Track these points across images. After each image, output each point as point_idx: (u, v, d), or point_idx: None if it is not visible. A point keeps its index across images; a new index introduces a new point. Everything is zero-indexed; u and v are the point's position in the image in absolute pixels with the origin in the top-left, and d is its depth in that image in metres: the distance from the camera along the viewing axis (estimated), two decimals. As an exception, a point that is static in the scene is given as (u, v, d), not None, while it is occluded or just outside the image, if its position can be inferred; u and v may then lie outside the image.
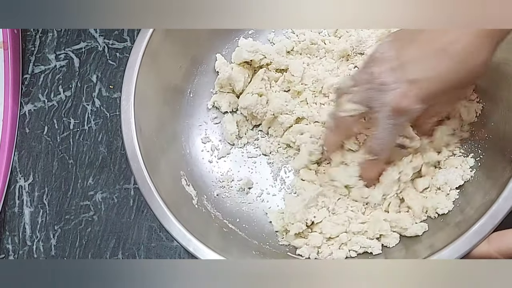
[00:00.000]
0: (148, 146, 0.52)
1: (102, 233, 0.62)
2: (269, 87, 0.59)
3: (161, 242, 0.61)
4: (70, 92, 0.67)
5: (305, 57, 0.60)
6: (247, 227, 0.56)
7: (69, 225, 0.62)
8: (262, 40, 0.62)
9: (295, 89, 0.58)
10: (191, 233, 0.48)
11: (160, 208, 0.49)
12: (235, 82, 0.59)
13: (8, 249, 0.62)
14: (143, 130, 0.52)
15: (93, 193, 0.63)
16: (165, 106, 0.57)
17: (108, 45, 0.68)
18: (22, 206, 0.63)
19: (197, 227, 0.50)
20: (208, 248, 0.47)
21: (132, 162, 0.50)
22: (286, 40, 0.61)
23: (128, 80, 0.53)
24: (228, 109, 0.60)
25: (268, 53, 0.59)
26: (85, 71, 0.68)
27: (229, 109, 0.60)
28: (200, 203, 0.55)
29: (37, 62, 0.69)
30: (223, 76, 0.59)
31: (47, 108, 0.67)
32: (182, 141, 0.59)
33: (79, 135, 0.65)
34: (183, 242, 0.47)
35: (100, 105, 0.66)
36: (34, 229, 0.62)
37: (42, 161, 0.65)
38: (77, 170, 0.64)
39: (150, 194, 0.49)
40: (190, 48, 0.59)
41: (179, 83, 0.59)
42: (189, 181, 0.56)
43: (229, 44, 0.63)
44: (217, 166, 0.59)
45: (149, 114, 0.54)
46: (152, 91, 0.55)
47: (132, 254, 0.61)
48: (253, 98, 0.57)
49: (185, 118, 0.60)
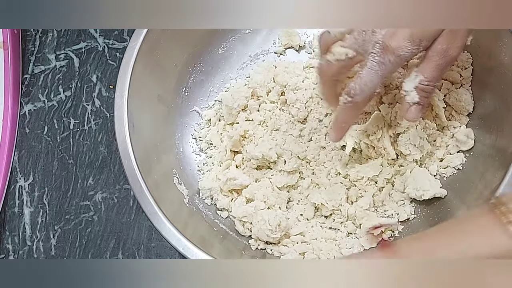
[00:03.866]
0: (141, 144, 0.52)
1: (102, 233, 0.62)
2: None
3: (161, 242, 0.61)
4: (70, 92, 0.67)
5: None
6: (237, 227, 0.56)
7: (69, 225, 0.62)
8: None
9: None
10: (181, 232, 0.48)
11: (151, 206, 0.49)
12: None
13: (8, 249, 0.62)
14: (136, 127, 0.52)
15: (93, 193, 0.63)
16: (159, 104, 0.57)
17: (108, 45, 0.68)
18: (22, 206, 0.63)
19: (187, 226, 0.50)
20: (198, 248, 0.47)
21: (124, 159, 0.50)
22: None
23: (122, 77, 0.53)
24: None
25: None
26: (85, 71, 0.68)
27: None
28: (191, 202, 0.55)
29: (37, 62, 0.69)
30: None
31: (47, 108, 0.67)
32: (175, 139, 0.59)
33: (79, 135, 0.65)
34: (172, 241, 0.48)
35: (100, 105, 0.66)
36: (34, 229, 0.62)
37: (42, 161, 0.65)
38: (77, 170, 0.64)
39: (140, 191, 0.49)
40: (186, 46, 0.60)
41: (174, 82, 0.59)
42: (181, 180, 0.56)
43: (225, 43, 0.63)
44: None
45: (142, 112, 0.54)
46: (146, 88, 0.55)
47: (132, 254, 0.61)
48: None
49: (179, 116, 0.60)
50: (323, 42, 0.49)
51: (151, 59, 0.55)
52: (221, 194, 0.56)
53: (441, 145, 0.55)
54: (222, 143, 0.59)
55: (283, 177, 0.56)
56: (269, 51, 0.64)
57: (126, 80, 0.52)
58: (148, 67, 0.55)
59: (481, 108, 0.55)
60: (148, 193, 0.49)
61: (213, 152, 0.59)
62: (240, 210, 0.54)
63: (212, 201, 0.57)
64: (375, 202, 0.54)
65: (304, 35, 0.64)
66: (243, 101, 0.59)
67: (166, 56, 0.57)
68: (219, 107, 0.61)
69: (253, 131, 0.58)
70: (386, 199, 0.55)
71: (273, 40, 0.64)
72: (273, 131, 0.58)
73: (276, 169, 0.56)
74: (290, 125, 0.58)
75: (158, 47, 0.56)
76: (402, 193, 0.55)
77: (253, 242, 0.54)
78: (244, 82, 0.62)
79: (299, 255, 0.53)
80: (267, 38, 0.64)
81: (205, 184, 0.56)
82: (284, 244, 0.54)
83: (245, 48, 0.63)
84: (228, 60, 0.63)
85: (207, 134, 0.60)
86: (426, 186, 0.52)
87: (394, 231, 0.54)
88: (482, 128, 0.54)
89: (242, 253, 0.53)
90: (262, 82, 0.60)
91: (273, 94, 0.60)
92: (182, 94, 0.61)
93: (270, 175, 0.56)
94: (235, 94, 0.59)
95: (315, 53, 0.62)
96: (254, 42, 0.64)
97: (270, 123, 0.58)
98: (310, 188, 0.56)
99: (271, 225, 0.52)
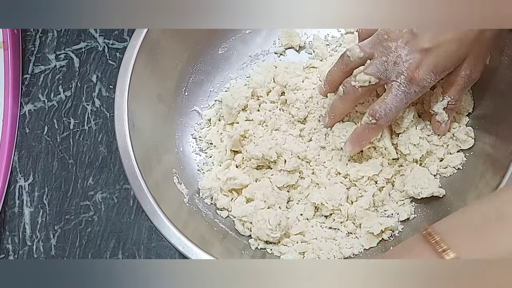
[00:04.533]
0: (141, 143, 0.52)
1: (102, 233, 0.62)
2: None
3: (161, 242, 0.61)
4: (70, 92, 0.67)
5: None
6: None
7: (69, 225, 0.62)
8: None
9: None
10: (181, 232, 0.48)
11: (151, 205, 0.49)
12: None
13: (8, 249, 0.62)
14: (137, 127, 0.52)
15: (93, 193, 0.63)
16: (159, 104, 0.58)
17: (108, 45, 0.68)
18: (22, 206, 0.63)
19: (187, 225, 0.50)
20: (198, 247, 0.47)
21: (124, 159, 0.50)
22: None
23: (122, 77, 0.53)
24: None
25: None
26: (85, 71, 0.68)
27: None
28: (191, 201, 0.55)
29: (37, 62, 0.69)
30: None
31: (47, 108, 0.67)
32: (175, 139, 0.59)
33: (79, 135, 0.65)
34: (172, 241, 0.48)
35: (100, 105, 0.66)
36: (34, 229, 0.62)
37: (42, 161, 0.65)
38: (77, 170, 0.64)
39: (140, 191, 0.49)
40: (186, 46, 0.60)
41: (174, 81, 0.60)
42: (181, 180, 0.56)
43: (225, 43, 0.63)
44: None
45: (143, 112, 0.54)
46: (146, 88, 0.55)
47: (132, 254, 0.61)
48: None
49: (179, 116, 0.60)
50: (344, 64, 0.52)
51: (151, 59, 0.55)
52: (221, 193, 0.56)
53: (441, 145, 0.55)
54: (222, 143, 0.59)
55: (283, 177, 0.56)
56: (269, 51, 0.64)
57: (126, 80, 0.53)
58: (148, 67, 0.55)
59: (481, 108, 0.55)
60: (148, 192, 0.49)
61: (213, 151, 0.59)
62: (240, 210, 0.54)
63: (212, 200, 0.57)
64: (375, 202, 0.54)
65: (304, 35, 0.64)
66: (243, 101, 0.59)
67: (166, 56, 0.57)
68: (219, 107, 0.61)
69: (253, 131, 0.58)
70: (386, 199, 0.55)
71: (273, 40, 0.64)
72: (273, 131, 0.58)
73: (276, 169, 0.56)
74: (290, 125, 0.58)
75: (158, 47, 0.56)
76: (402, 193, 0.55)
77: (253, 241, 0.54)
78: (244, 82, 0.62)
79: (299, 255, 0.53)
80: (267, 38, 0.64)
81: (205, 183, 0.56)
82: (284, 243, 0.54)
83: (245, 48, 0.63)
84: (228, 60, 0.63)
85: (207, 134, 0.60)
86: (425, 184, 0.52)
87: (394, 231, 0.54)
88: (482, 128, 0.54)
89: (242, 252, 0.53)
90: (262, 82, 0.60)
91: (273, 94, 0.60)
92: (182, 94, 0.61)
93: (270, 175, 0.56)
94: (235, 94, 0.59)
95: (315, 53, 0.62)
96: (254, 42, 0.64)
97: (270, 123, 0.58)
98: (310, 188, 0.56)
99: (271, 225, 0.52)
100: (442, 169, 0.55)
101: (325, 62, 0.61)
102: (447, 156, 0.55)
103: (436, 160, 0.55)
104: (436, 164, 0.55)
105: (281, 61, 0.63)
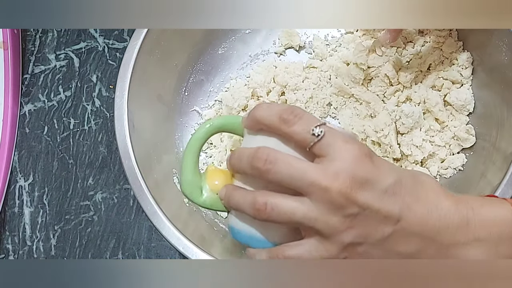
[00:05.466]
0: (141, 143, 0.52)
1: (102, 233, 0.62)
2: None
3: (161, 242, 0.61)
4: (70, 92, 0.67)
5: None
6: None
7: (69, 225, 0.62)
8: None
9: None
10: (181, 232, 0.48)
11: (151, 206, 0.48)
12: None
13: (8, 249, 0.62)
14: (137, 127, 0.52)
15: (93, 193, 0.63)
16: (159, 104, 0.57)
17: (108, 45, 0.68)
18: (22, 206, 0.63)
19: (187, 225, 0.50)
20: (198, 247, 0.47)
21: (124, 159, 0.50)
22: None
23: (122, 77, 0.53)
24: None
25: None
26: (85, 71, 0.68)
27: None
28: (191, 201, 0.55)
29: (37, 62, 0.69)
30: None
31: (47, 108, 0.67)
32: (175, 139, 0.59)
33: (79, 135, 0.65)
34: (172, 241, 0.47)
35: (100, 105, 0.66)
36: (34, 229, 0.62)
37: (42, 161, 0.65)
38: (77, 170, 0.64)
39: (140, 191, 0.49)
40: (186, 46, 0.60)
41: (174, 81, 0.59)
42: None
43: (225, 43, 0.63)
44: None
45: (143, 112, 0.54)
46: (146, 88, 0.55)
47: (132, 254, 0.61)
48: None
49: (179, 116, 0.60)
50: None
51: (151, 59, 0.55)
52: (221, 193, 0.56)
53: (443, 145, 0.55)
54: (222, 143, 0.59)
55: None
56: (269, 51, 0.64)
57: (126, 80, 0.52)
58: (148, 67, 0.55)
59: (482, 108, 0.55)
60: (148, 193, 0.49)
61: (213, 152, 0.59)
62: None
63: None
64: None
65: (304, 35, 0.64)
66: (243, 101, 0.59)
67: (166, 56, 0.57)
68: (219, 107, 0.61)
69: None
70: None
71: (273, 40, 0.64)
72: None
73: None
74: None
75: (158, 47, 0.56)
76: None
77: None
78: (244, 82, 0.62)
79: None
80: (267, 38, 0.64)
81: None
82: None
83: (245, 48, 0.63)
84: (228, 60, 0.63)
85: (207, 134, 0.60)
86: None
87: None
88: (483, 127, 0.54)
89: (242, 252, 0.53)
90: (262, 82, 0.60)
91: (273, 94, 0.60)
92: (182, 94, 0.61)
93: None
94: (235, 94, 0.59)
95: (315, 53, 0.62)
96: (254, 42, 0.64)
97: None
98: None
99: None
100: (442, 170, 0.55)
101: (325, 62, 0.61)
102: (448, 157, 0.55)
103: (437, 162, 0.55)
104: (437, 165, 0.55)
105: (281, 61, 0.63)
